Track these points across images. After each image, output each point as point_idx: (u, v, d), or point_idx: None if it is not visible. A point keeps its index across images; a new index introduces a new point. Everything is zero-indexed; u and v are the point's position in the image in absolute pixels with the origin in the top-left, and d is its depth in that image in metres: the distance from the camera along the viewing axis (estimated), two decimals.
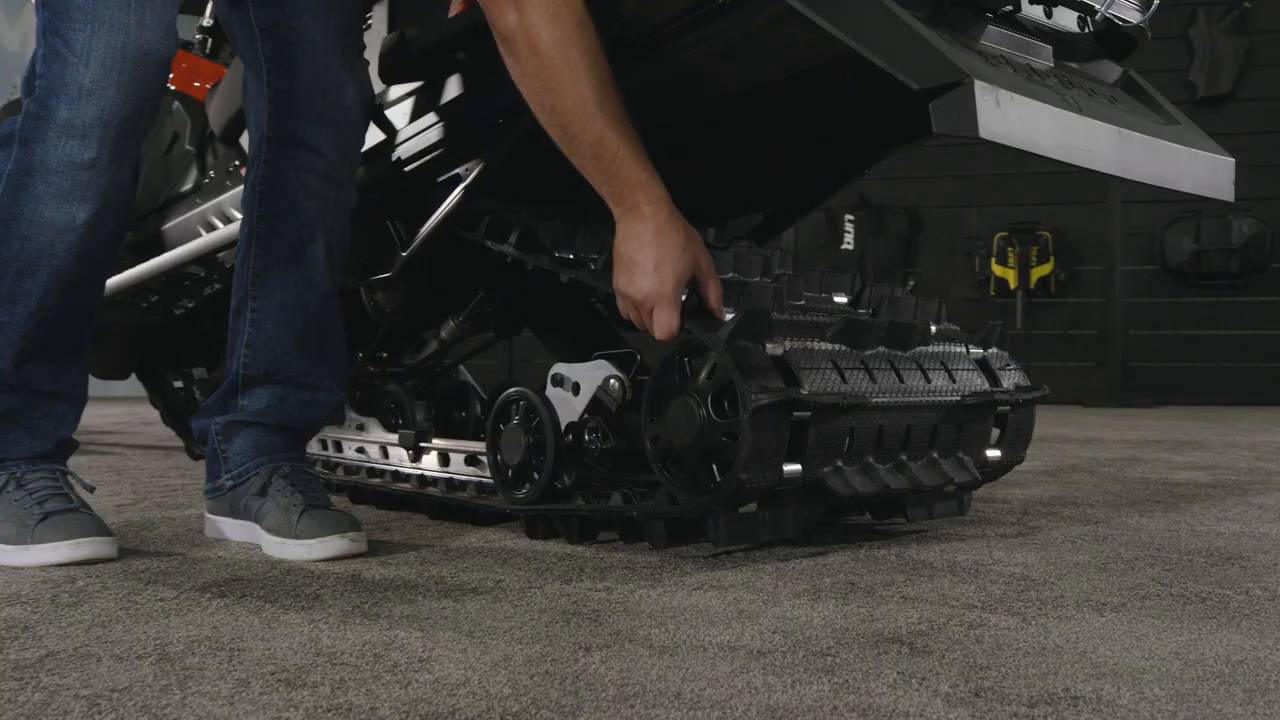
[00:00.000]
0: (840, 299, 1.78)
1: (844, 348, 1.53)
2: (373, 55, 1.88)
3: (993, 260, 6.41)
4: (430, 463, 2.00)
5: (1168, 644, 1.10)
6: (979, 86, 1.16)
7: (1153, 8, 1.53)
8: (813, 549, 1.61)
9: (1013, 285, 6.32)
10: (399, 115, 1.93)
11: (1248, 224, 5.92)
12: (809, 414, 1.43)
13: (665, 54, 1.52)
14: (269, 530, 1.60)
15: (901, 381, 1.56)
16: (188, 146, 2.72)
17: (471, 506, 1.84)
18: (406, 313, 2.10)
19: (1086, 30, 1.59)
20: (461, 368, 2.51)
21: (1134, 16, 1.55)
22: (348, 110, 1.74)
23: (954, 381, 1.64)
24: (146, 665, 1.03)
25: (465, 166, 1.79)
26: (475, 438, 2.20)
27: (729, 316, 1.49)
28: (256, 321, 1.72)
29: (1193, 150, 1.47)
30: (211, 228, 2.42)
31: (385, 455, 2.13)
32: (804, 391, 1.42)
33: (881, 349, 1.57)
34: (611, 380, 1.67)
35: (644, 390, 1.57)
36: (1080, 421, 4.45)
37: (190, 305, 2.55)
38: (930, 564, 1.51)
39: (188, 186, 2.66)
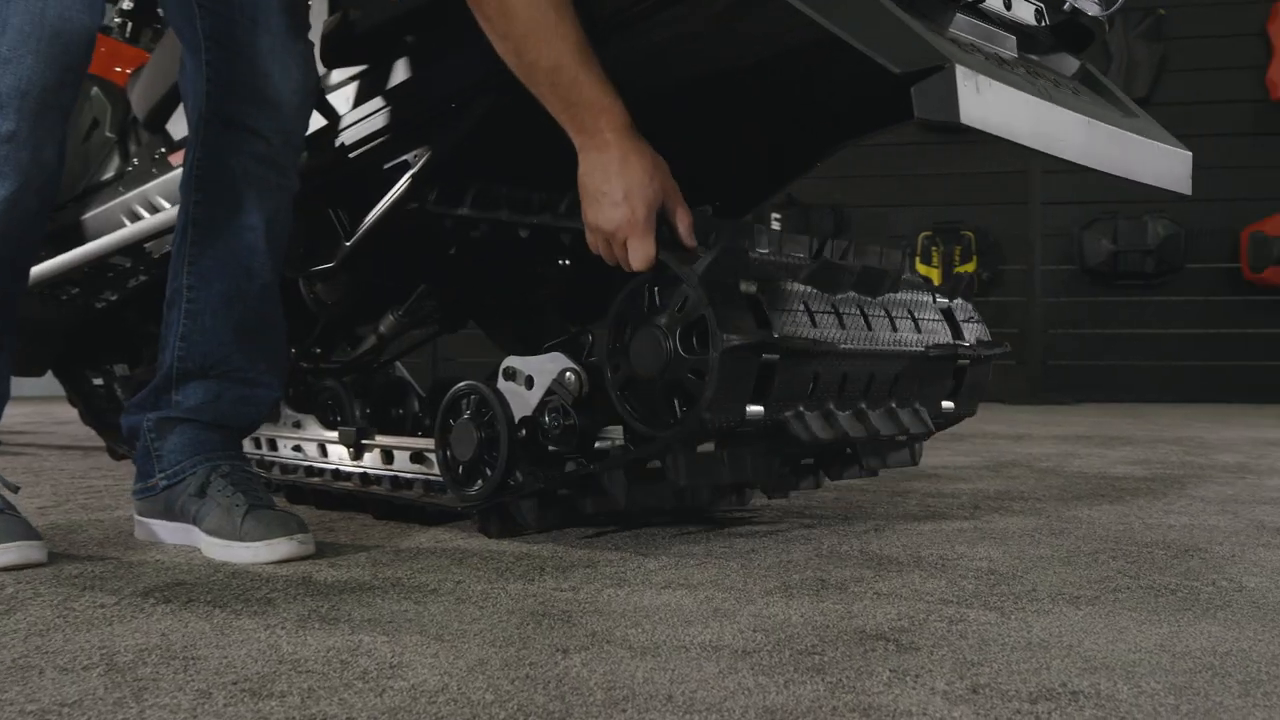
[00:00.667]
0: (799, 255, 1.74)
1: (815, 290, 1.50)
2: (313, 37, 1.81)
3: (917, 259, 6.49)
4: (373, 461, 1.93)
5: (1150, 637, 1.09)
6: (960, 71, 1.14)
7: (1116, 4, 1.53)
8: (776, 544, 1.58)
9: (936, 284, 6.39)
10: (341, 100, 1.86)
11: (1162, 225, 6.06)
12: (777, 357, 1.40)
13: (631, 35, 1.48)
14: (210, 532, 1.52)
15: (870, 329, 1.54)
16: (108, 133, 2.62)
17: (419, 505, 1.78)
18: (347, 305, 2.02)
19: (1043, 23, 1.59)
20: (398, 364, 2.44)
21: (1093, 10, 1.55)
22: (291, 93, 1.67)
23: (919, 332, 1.62)
24: (95, 677, 0.96)
25: (414, 153, 1.73)
26: (414, 434, 2.14)
27: (701, 256, 1.44)
28: (192, 313, 1.63)
29: (1155, 143, 1.48)
30: (136, 217, 2.32)
31: (324, 453, 2.05)
32: (776, 335, 1.39)
33: (852, 294, 1.55)
34: (568, 374, 1.62)
35: (609, 315, 1.51)
36: (1007, 419, 4.51)
37: (113, 298, 2.44)
38: (895, 559, 1.49)
39: (109, 175, 2.55)
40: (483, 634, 1.10)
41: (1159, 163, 1.47)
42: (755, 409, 1.42)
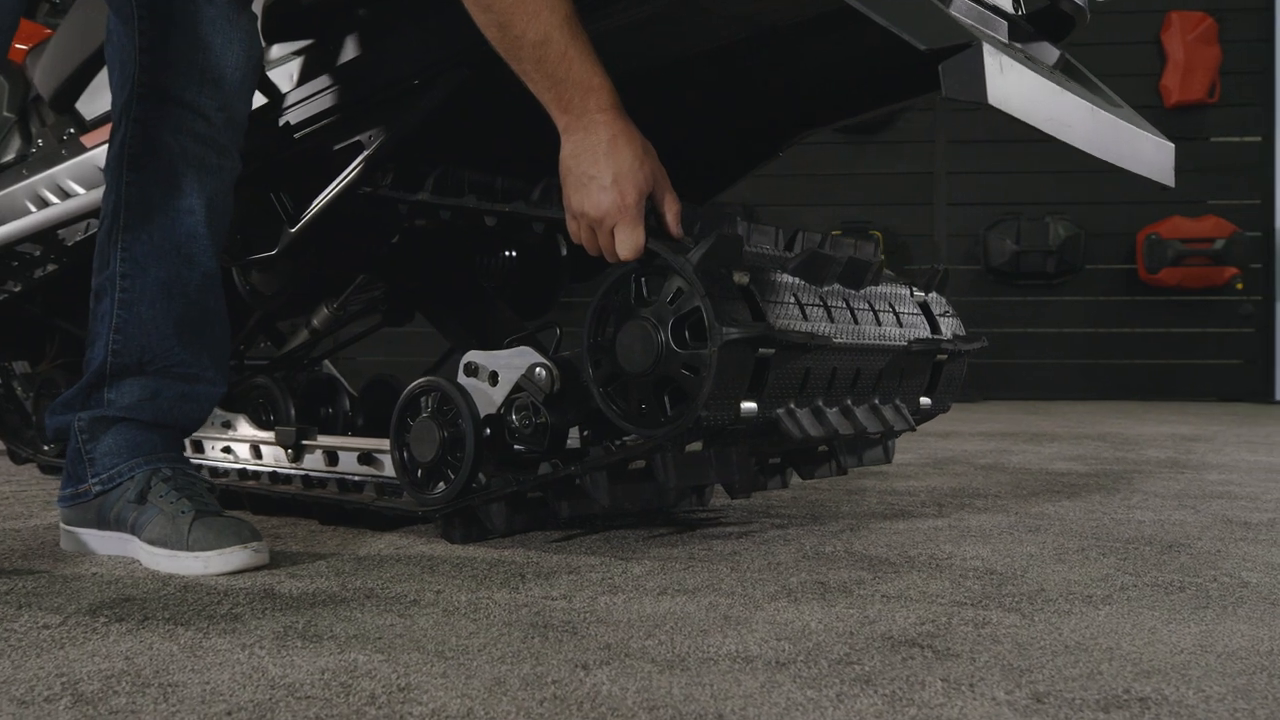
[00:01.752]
0: (766, 248, 1.68)
1: (803, 282, 1.45)
2: (255, 9, 1.68)
3: None
4: (316, 462, 1.81)
5: (1183, 637, 1.06)
6: (987, 50, 1.09)
7: None
8: (756, 545, 1.52)
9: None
10: (284, 77, 1.74)
11: (1063, 226, 6.19)
12: (773, 351, 1.34)
13: (621, 9, 1.40)
14: (152, 542, 1.39)
15: (856, 323, 1.49)
16: (6, 113, 2.44)
17: (373, 510, 1.66)
18: (285, 297, 1.90)
19: (1020, 11, 1.56)
20: (326, 361, 2.33)
21: None
22: (234, 67, 1.54)
23: (901, 326, 1.58)
24: (62, 710, 0.84)
25: (368, 133, 1.61)
26: (344, 434, 2.03)
27: (694, 245, 1.37)
28: (127, 303, 1.50)
29: (1145, 133, 1.45)
30: (44, 202, 2.15)
31: (258, 455, 1.92)
32: (776, 327, 1.33)
33: (836, 286, 1.50)
34: (538, 369, 1.53)
35: (590, 310, 1.43)
36: None
37: (16, 289, 2.26)
38: (885, 559, 1.44)
39: (9, 157, 2.37)
40: (486, 649, 1.01)
41: (1150, 154, 1.45)
42: (749, 405, 1.35)
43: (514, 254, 2.15)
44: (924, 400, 1.69)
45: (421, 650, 1.01)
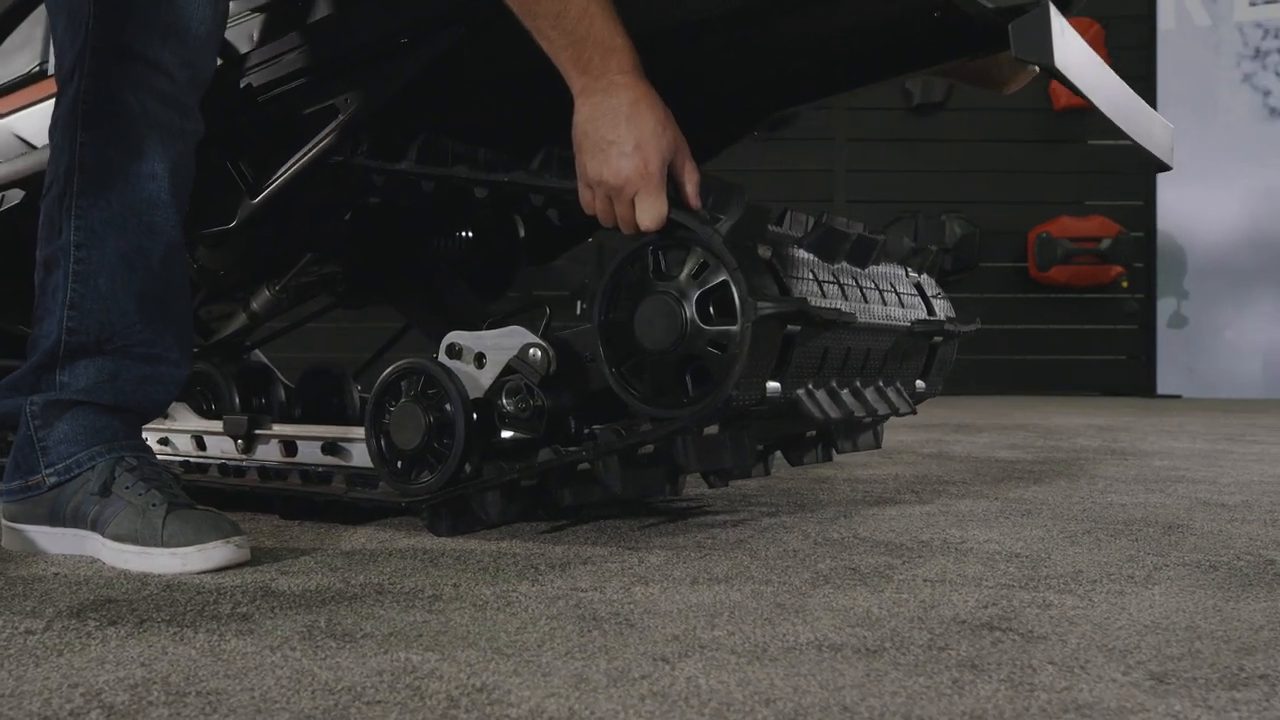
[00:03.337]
0: None
1: (817, 259, 1.39)
2: None
3: None
4: (270, 453, 1.68)
5: (1253, 614, 1.04)
6: (1053, 10, 1.05)
7: None
8: (760, 533, 1.46)
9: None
10: (242, 37, 1.61)
11: (959, 225, 6.32)
12: (798, 329, 1.29)
13: None
14: (119, 538, 1.26)
15: (866, 302, 1.45)
16: None
17: (347, 501, 1.55)
18: (238, 275, 1.76)
19: None
20: (256, 349, 2.19)
21: None
22: (199, 22, 1.41)
23: (904, 306, 1.55)
24: None
25: (344, 97, 1.50)
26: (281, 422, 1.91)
27: (721, 217, 1.30)
28: (83, 275, 1.35)
29: (1155, 114, 1.45)
30: None
31: (201, 446, 1.79)
32: (811, 303, 1.27)
33: (845, 264, 1.46)
34: (532, 350, 1.44)
35: (601, 285, 1.35)
36: None
37: None
38: (901, 545, 1.40)
39: None
40: (547, 644, 0.93)
41: (1160, 134, 1.44)
42: (774, 385, 1.29)
43: (470, 235, 2.05)
44: (919, 383, 1.66)
45: (475, 647, 0.92)
